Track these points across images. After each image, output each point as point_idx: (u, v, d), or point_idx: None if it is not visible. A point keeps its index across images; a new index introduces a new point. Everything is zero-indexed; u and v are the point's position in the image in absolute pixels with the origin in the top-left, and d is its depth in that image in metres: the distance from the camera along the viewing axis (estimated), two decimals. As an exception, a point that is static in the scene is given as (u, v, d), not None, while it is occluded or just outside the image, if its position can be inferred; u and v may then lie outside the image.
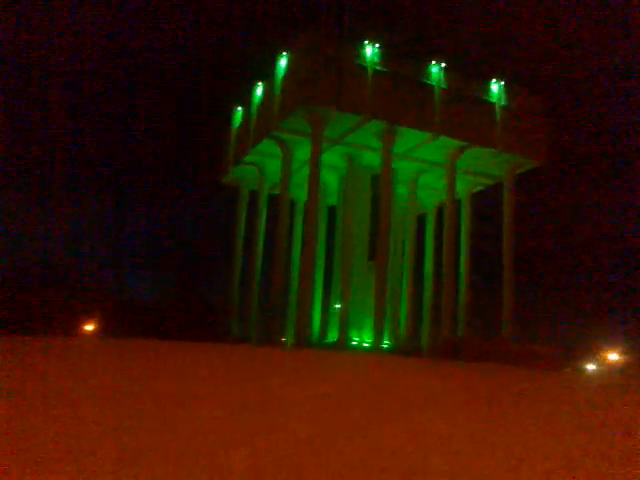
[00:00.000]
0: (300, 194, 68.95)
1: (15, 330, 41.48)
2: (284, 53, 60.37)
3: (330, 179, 68.32)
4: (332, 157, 62.90)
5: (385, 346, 61.27)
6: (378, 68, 56.78)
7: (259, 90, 66.25)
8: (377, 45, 57.00)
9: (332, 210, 71.21)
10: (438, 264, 65.61)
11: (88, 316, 62.15)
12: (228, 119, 74.32)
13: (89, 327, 63.39)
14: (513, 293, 62.21)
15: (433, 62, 59.29)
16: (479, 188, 70.79)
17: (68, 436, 8.84)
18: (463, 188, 67.63)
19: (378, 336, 56.46)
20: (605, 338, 71.45)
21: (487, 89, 62.32)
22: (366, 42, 56.84)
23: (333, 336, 64.00)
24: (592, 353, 69.19)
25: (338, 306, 61.77)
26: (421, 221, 73.77)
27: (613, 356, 68.94)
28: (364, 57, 56.57)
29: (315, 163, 56.38)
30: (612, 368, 65.26)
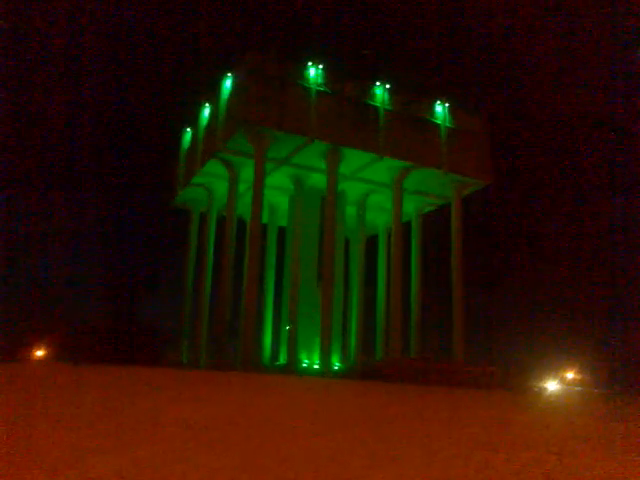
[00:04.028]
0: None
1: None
2: (229, 74, 60.19)
3: (280, 200, 68.03)
4: (280, 178, 62.68)
5: (336, 368, 60.39)
6: (322, 89, 56.83)
7: (206, 111, 65.92)
8: (321, 66, 57.11)
9: (283, 231, 70.74)
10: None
11: (37, 341, 60.59)
12: (178, 141, 73.77)
13: (39, 352, 61.74)
14: (463, 313, 61.94)
15: (377, 83, 59.57)
16: (429, 209, 70.86)
17: None
18: (413, 209, 67.71)
19: (325, 358, 55.54)
20: (566, 356, 71.57)
21: (432, 110, 62.72)
22: (310, 63, 56.95)
23: (284, 359, 63.02)
24: (551, 372, 69.23)
25: (288, 328, 60.93)
26: (374, 242, 73.57)
27: (570, 375, 69.24)
28: (308, 78, 56.63)
29: (258, 183, 55.92)
30: (565, 386, 65.42)
